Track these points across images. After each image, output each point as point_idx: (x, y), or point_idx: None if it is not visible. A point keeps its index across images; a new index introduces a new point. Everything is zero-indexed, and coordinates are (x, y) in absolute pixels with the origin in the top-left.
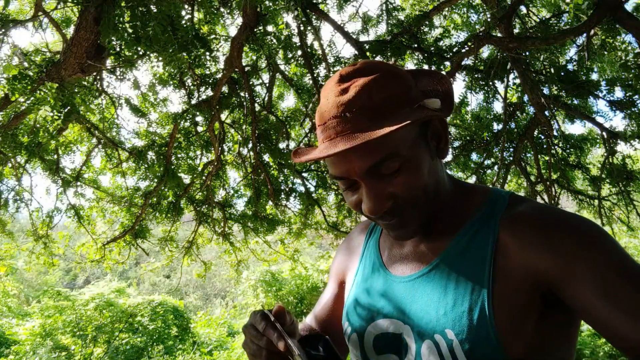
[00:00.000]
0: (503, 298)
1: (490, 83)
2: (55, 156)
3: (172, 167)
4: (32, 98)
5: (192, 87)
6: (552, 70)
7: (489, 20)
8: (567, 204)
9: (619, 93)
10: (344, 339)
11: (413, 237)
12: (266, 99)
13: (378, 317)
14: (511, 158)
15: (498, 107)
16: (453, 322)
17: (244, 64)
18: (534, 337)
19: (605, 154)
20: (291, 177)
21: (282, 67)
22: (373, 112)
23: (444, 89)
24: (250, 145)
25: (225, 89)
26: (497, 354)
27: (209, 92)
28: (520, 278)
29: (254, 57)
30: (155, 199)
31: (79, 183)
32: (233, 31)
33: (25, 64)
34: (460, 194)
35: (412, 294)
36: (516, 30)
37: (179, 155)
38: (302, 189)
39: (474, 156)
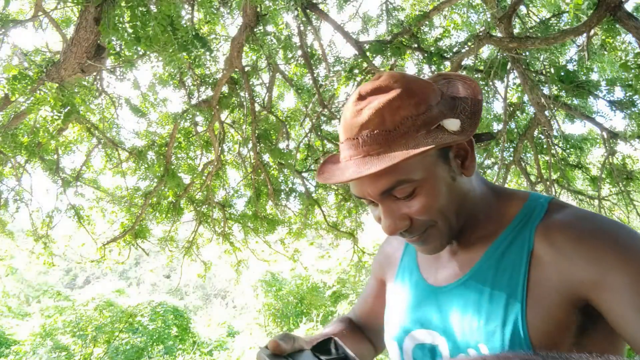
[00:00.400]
0: (537, 312)
1: (490, 83)
2: (55, 156)
3: (172, 167)
4: (32, 98)
5: (192, 87)
6: (552, 70)
7: (489, 20)
8: None
9: (619, 93)
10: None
11: (440, 251)
12: (266, 99)
13: (416, 327)
14: (511, 158)
15: (498, 107)
16: (487, 337)
17: (244, 64)
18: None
19: (605, 154)
20: (291, 177)
21: (282, 67)
22: (385, 137)
23: (473, 100)
24: (250, 145)
25: (225, 89)
26: None
27: (209, 92)
28: (555, 290)
29: (254, 57)
30: (155, 199)
31: (79, 183)
32: (233, 31)
33: (25, 64)
34: (497, 201)
35: (448, 305)
36: (516, 30)
37: (179, 155)
38: (302, 189)
39: None
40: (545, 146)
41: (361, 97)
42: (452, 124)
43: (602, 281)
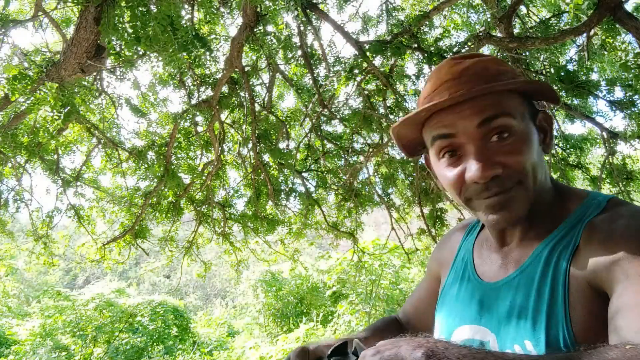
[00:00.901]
0: (577, 306)
1: None
2: (55, 156)
3: (172, 167)
4: (32, 98)
5: (192, 87)
6: (552, 70)
7: (489, 20)
8: None
9: (619, 93)
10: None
11: (514, 222)
12: (266, 99)
13: (465, 323)
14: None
15: None
16: (532, 333)
17: (244, 64)
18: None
19: (605, 154)
20: (291, 177)
21: (282, 67)
22: (489, 78)
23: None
24: (250, 145)
25: (225, 89)
26: None
27: (209, 92)
28: (587, 283)
29: (254, 57)
30: (155, 199)
31: (79, 183)
32: (233, 31)
33: (25, 64)
34: (558, 198)
35: (497, 301)
36: (516, 30)
37: (179, 155)
38: (302, 189)
39: None
40: None
41: (459, 57)
42: (549, 89)
43: (614, 275)
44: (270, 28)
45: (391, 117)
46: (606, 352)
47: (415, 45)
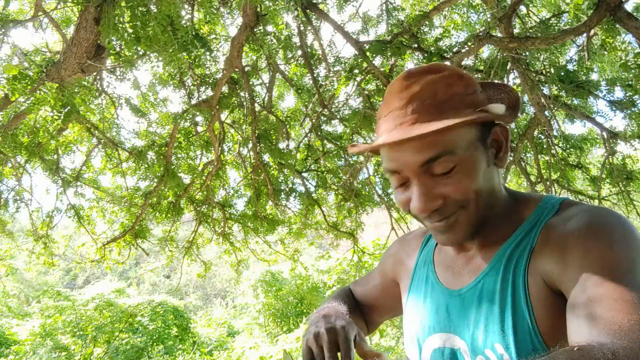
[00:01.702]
0: (539, 306)
1: None
2: (55, 156)
3: (172, 167)
4: (32, 98)
5: (192, 87)
6: (552, 70)
7: (489, 20)
8: None
9: (619, 93)
10: (378, 322)
11: (460, 244)
12: (266, 99)
13: (435, 331)
14: (511, 158)
15: None
16: (501, 336)
17: (244, 64)
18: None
19: (605, 154)
20: (291, 177)
21: (282, 67)
22: (435, 108)
23: (512, 99)
24: (250, 145)
25: (225, 89)
26: None
27: (209, 92)
28: (543, 284)
29: (254, 57)
30: (155, 199)
31: (79, 183)
32: (233, 31)
33: (25, 64)
34: (514, 205)
35: (463, 308)
36: (516, 30)
37: (179, 155)
38: (302, 189)
39: None
40: (545, 146)
41: (411, 75)
42: (498, 108)
43: (566, 273)
44: (270, 28)
45: None
46: (556, 358)
47: (415, 45)
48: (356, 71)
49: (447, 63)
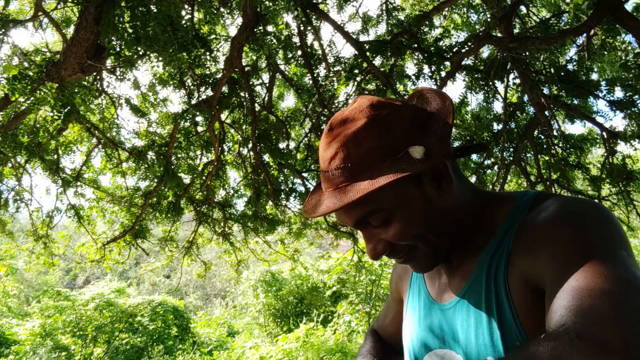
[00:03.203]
0: (522, 310)
1: (490, 83)
2: (55, 156)
3: (172, 167)
4: (32, 98)
5: (192, 87)
6: (552, 70)
7: (489, 20)
8: None
9: (619, 93)
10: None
11: (432, 269)
12: (266, 99)
13: (432, 349)
14: (511, 158)
15: (498, 107)
16: (492, 349)
17: (244, 64)
18: None
19: (605, 154)
20: (291, 177)
21: (282, 67)
22: (350, 171)
23: (444, 122)
24: (250, 145)
25: (225, 89)
26: None
27: (209, 92)
28: (525, 285)
29: (254, 57)
30: (155, 199)
31: (79, 183)
32: (233, 31)
33: (25, 64)
34: (488, 209)
35: (454, 321)
36: (516, 30)
37: (179, 155)
38: (302, 189)
39: (474, 156)
40: (545, 146)
41: (331, 129)
42: (417, 151)
43: (539, 266)
44: (270, 28)
45: None
46: (526, 348)
47: (415, 45)
48: (356, 71)
49: (374, 99)
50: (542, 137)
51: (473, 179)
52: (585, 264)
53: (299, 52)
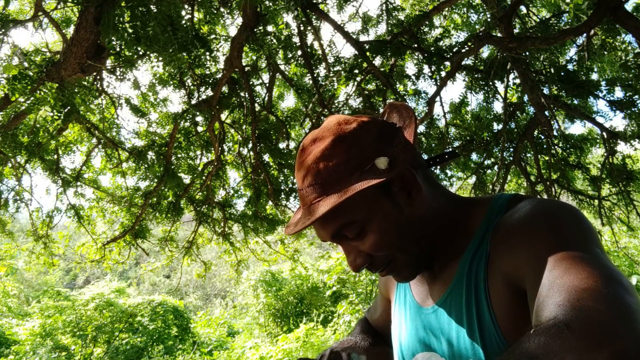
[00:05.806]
0: (503, 314)
1: (490, 83)
2: (55, 156)
3: (172, 167)
4: (32, 98)
5: (192, 87)
6: (552, 70)
7: (489, 20)
8: None
9: (619, 93)
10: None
11: (414, 278)
12: (266, 99)
13: (417, 352)
14: (511, 158)
15: (498, 107)
16: (473, 351)
17: (244, 64)
18: None
19: (605, 154)
20: (291, 177)
21: (282, 67)
22: (321, 187)
23: (407, 132)
24: (250, 145)
25: (225, 89)
26: None
27: (209, 92)
28: (505, 287)
29: (254, 57)
30: (155, 199)
31: (79, 183)
32: (233, 31)
33: (25, 64)
34: (464, 213)
35: (438, 325)
36: (516, 30)
37: (179, 155)
38: None
39: (474, 156)
40: (545, 146)
41: (303, 150)
42: (381, 162)
43: (517, 266)
44: (270, 28)
45: None
46: (518, 345)
47: (415, 45)
48: (356, 71)
49: (341, 117)
50: (542, 137)
51: (473, 179)
52: (566, 260)
53: (299, 52)
